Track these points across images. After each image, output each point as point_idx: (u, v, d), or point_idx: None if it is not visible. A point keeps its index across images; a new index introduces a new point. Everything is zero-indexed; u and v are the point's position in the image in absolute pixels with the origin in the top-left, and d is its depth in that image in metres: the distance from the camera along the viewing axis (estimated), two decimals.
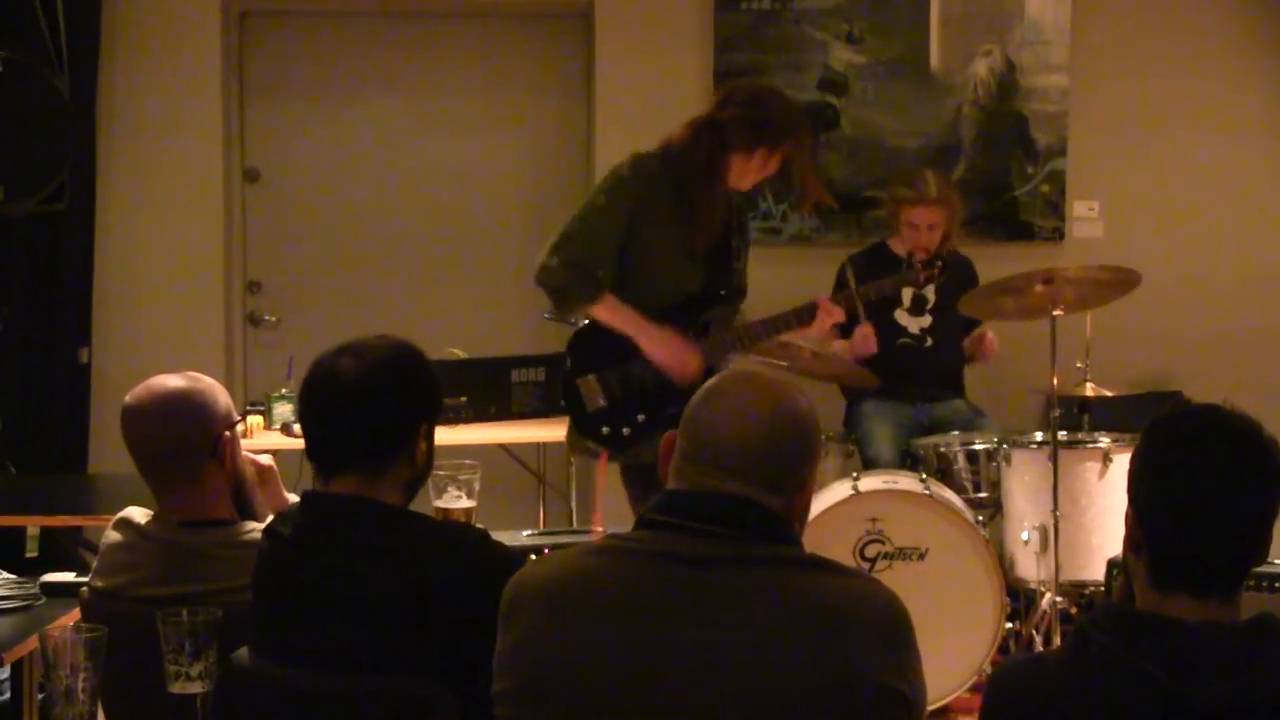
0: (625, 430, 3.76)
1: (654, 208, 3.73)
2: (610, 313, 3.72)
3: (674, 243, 3.76)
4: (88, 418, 5.42)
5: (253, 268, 5.77)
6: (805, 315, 3.90)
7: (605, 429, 3.78)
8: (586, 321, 3.83)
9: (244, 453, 2.57)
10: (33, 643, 2.72)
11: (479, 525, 2.32)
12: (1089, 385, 4.59)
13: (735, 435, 1.85)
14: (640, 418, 3.75)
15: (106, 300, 5.50)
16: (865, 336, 4.62)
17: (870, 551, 4.24)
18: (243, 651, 2.11)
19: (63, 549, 4.46)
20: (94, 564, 2.52)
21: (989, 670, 4.19)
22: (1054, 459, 4.34)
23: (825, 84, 5.60)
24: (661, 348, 3.72)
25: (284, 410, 4.64)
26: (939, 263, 4.14)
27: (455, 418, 4.66)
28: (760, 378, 1.96)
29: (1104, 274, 4.49)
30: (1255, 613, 1.74)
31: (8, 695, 3.25)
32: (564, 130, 5.80)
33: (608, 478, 3.90)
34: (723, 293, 3.86)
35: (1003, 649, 4.33)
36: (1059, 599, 4.33)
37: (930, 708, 2.31)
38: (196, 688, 2.00)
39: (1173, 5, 5.77)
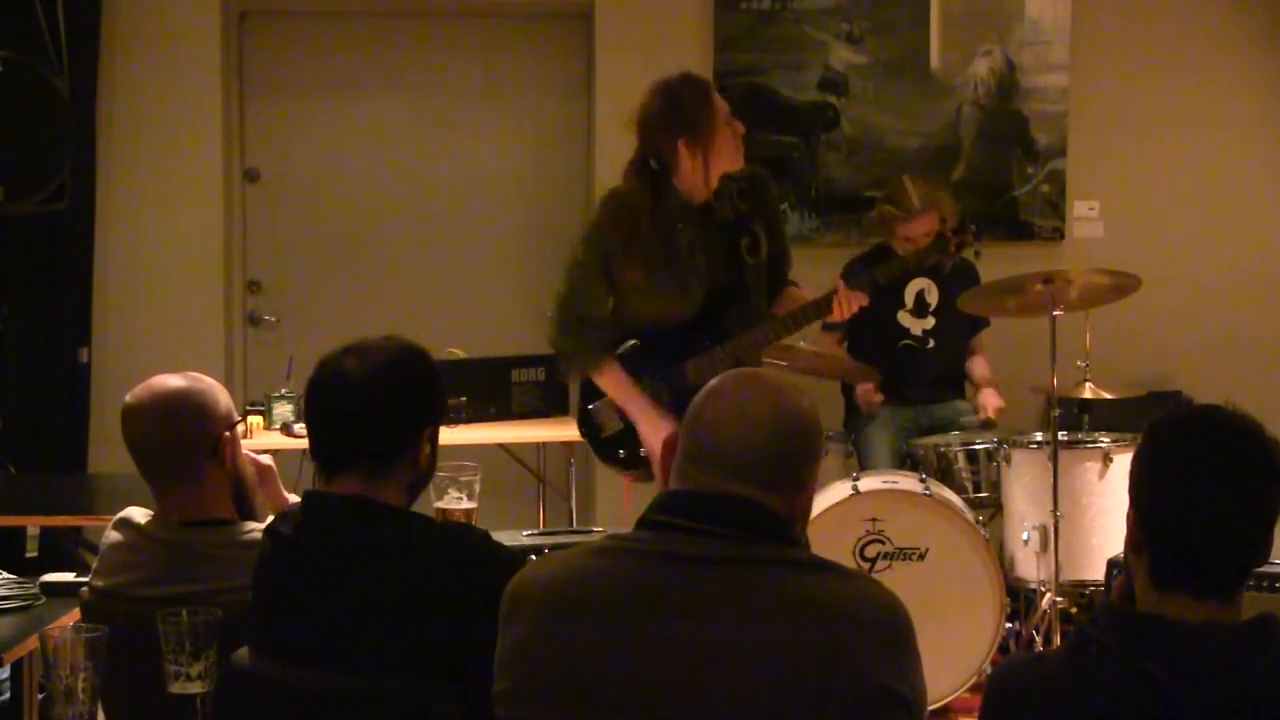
0: (642, 451, 3.76)
1: (630, 240, 3.65)
2: (611, 383, 3.72)
3: (662, 265, 3.67)
4: (88, 418, 5.42)
5: (253, 268, 5.77)
6: (824, 306, 3.77)
7: (622, 452, 3.80)
8: None
9: (244, 453, 2.56)
10: (33, 643, 2.71)
11: (479, 527, 2.32)
12: (1089, 386, 4.59)
13: (736, 435, 1.85)
14: None
15: (106, 300, 5.50)
16: (853, 297, 3.87)
17: (870, 551, 4.24)
18: (243, 651, 2.11)
19: (63, 549, 4.46)
20: (94, 564, 2.52)
21: (989, 670, 4.19)
22: (1054, 459, 4.34)
23: (825, 84, 5.60)
24: (649, 429, 3.68)
25: (284, 410, 4.64)
26: (972, 226, 4.05)
27: (455, 418, 4.66)
28: (761, 378, 1.96)
29: (1104, 277, 4.49)
30: (1255, 613, 1.74)
31: (8, 695, 3.26)
32: (564, 130, 5.80)
33: (630, 499, 3.93)
34: (737, 294, 3.76)
35: (1003, 649, 4.33)
36: (1059, 599, 4.33)
37: (930, 708, 2.31)
38: (196, 688, 2.00)
39: (1173, 5, 5.78)
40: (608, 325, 3.73)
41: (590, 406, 3.84)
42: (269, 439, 4.51)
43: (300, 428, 4.49)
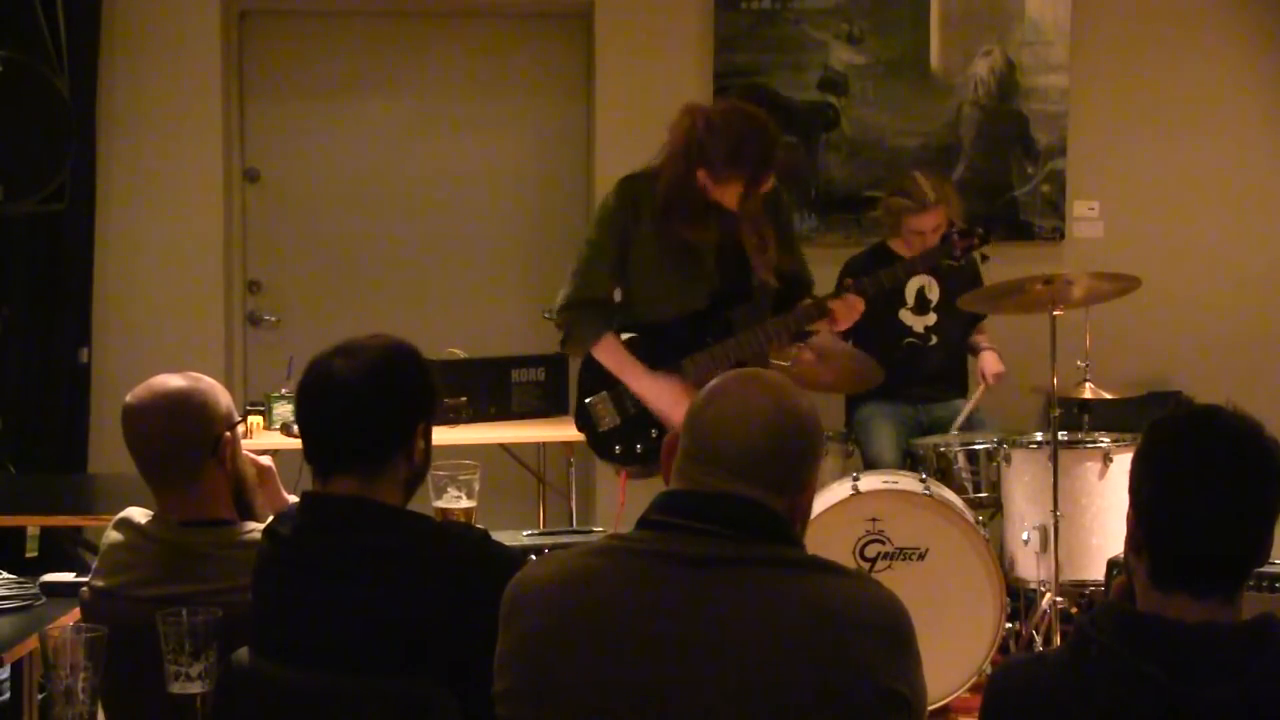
0: (639, 447, 3.79)
1: (642, 226, 3.73)
2: (608, 355, 3.79)
3: (670, 255, 3.74)
4: (88, 418, 5.42)
5: (253, 268, 5.77)
6: (821, 308, 3.80)
7: (618, 447, 3.82)
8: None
9: (244, 453, 2.56)
10: (33, 643, 2.72)
11: (479, 526, 2.32)
12: (1089, 386, 4.59)
13: (737, 435, 1.85)
14: (654, 433, 3.76)
15: (106, 300, 5.50)
16: (853, 304, 3.91)
17: (870, 551, 4.24)
18: (243, 651, 2.11)
19: (63, 549, 4.46)
20: (94, 564, 2.52)
21: (989, 670, 4.19)
22: (1054, 459, 4.34)
23: (825, 84, 5.60)
24: (653, 394, 3.75)
25: (284, 410, 4.64)
26: (979, 229, 4.10)
27: (455, 418, 4.66)
28: (762, 378, 1.96)
29: (1104, 281, 4.49)
30: (1255, 613, 1.74)
31: (8, 695, 3.26)
32: (564, 130, 5.80)
33: (625, 495, 3.93)
34: (743, 292, 3.80)
35: (1003, 649, 4.33)
36: (1059, 599, 4.33)
37: (930, 708, 2.31)
38: (196, 688, 2.00)
39: (1173, 6, 5.78)
40: (611, 306, 3.81)
41: (586, 401, 3.85)
42: (269, 439, 4.51)
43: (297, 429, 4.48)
